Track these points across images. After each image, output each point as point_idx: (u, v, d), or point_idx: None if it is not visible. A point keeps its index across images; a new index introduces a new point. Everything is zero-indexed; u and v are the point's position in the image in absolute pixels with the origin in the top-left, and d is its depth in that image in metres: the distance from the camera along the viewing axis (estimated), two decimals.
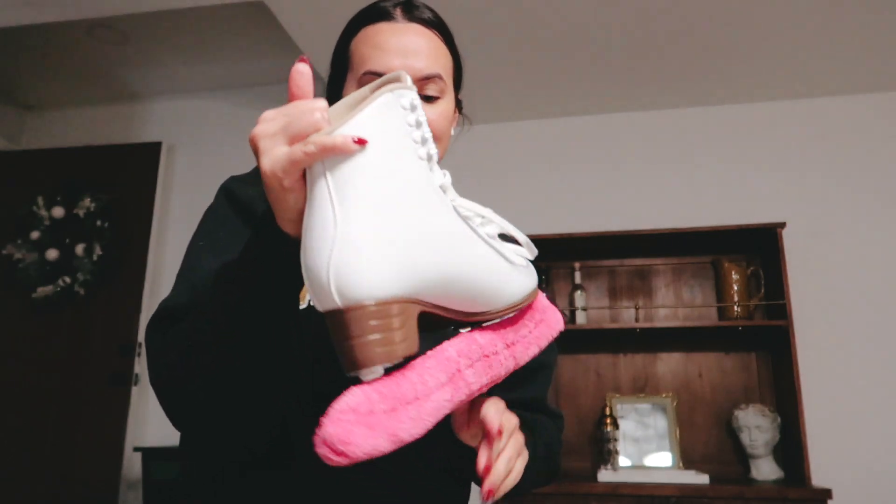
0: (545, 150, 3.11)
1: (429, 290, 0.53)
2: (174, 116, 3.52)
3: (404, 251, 0.51)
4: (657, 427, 2.63)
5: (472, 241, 0.57)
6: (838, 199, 2.80)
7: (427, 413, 0.52)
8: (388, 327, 0.49)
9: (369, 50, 0.78)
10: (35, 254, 3.23)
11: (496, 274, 0.59)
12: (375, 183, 0.50)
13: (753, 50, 2.56)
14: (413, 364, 0.55)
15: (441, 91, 0.80)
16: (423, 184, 0.53)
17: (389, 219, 0.50)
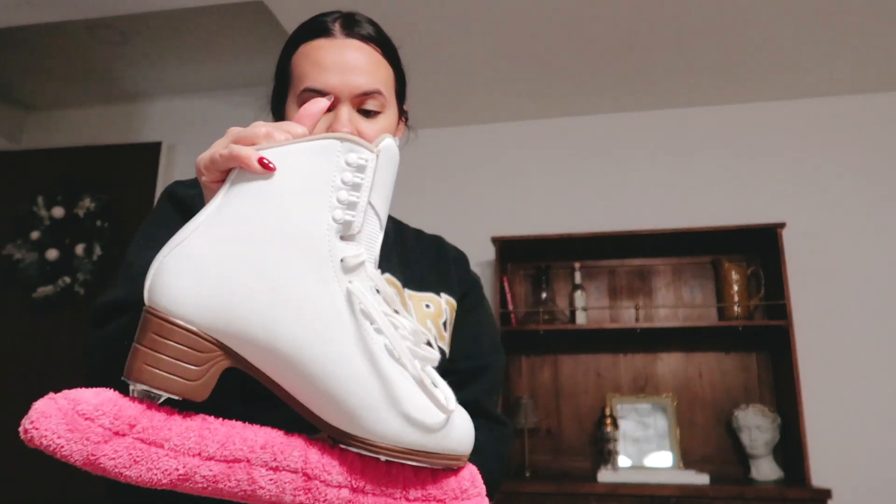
0: (545, 150, 3.11)
1: (251, 348, 0.47)
2: (174, 116, 3.52)
3: (234, 287, 0.46)
4: (657, 427, 2.63)
5: (345, 333, 0.48)
6: (838, 199, 2.80)
7: (157, 468, 0.45)
8: (171, 354, 0.46)
9: (308, 67, 0.78)
10: (35, 254, 3.23)
11: (365, 394, 0.48)
12: (260, 212, 0.48)
13: (753, 50, 2.56)
14: (203, 419, 0.48)
15: (381, 106, 0.81)
16: (315, 242, 0.48)
17: (243, 249, 0.47)
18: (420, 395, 0.50)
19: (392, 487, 0.50)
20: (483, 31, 2.46)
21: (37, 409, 0.45)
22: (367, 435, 0.48)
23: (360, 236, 0.50)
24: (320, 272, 0.48)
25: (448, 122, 3.21)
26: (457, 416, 0.52)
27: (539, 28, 2.44)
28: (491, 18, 2.38)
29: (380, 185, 0.51)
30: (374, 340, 0.49)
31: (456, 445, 0.51)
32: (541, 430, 2.77)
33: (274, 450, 0.48)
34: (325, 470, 0.49)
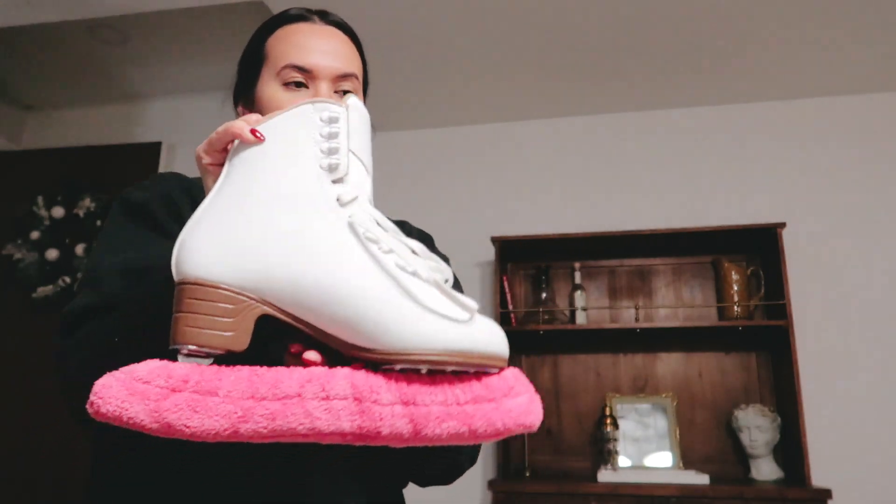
0: (545, 150, 3.11)
1: (278, 294, 0.51)
2: (174, 116, 3.52)
3: (250, 240, 0.52)
4: (657, 427, 2.63)
5: (354, 257, 0.52)
6: (838, 199, 2.80)
7: (217, 413, 0.48)
8: (207, 311, 0.50)
9: (289, 47, 0.81)
10: (35, 254, 3.23)
11: (386, 306, 0.51)
12: (259, 177, 0.53)
13: (753, 50, 2.56)
14: (250, 368, 0.51)
15: (356, 90, 0.84)
16: (307, 188, 0.53)
17: (249, 207, 0.52)
18: (441, 298, 0.52)
19: (441, 395, 0.52)
20: (483, 32, 2.46)
21: (98, 384, 0.48)
22: (402, 349, 0.50)
23: (349, 178, 0.55)
24: (321, 213, 0.53)
25: (448, 122, 3.21)
26: (483, 320, 0.54)
27: (539, 28, 2.44)
28: (491, 18, 2.38)
29: (355, 134, 0.56)
30: (385, 260, 0.52)
31: (489, 345, 0.53)
32: (541, 431, 2.77)
33: (321, 382, 0.50)
34: (374, 391, 0.50)
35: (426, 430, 0.51)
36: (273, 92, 0.81)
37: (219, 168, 0.57)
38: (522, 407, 0.53)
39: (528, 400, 0.54)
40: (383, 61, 2.60)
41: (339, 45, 0.83)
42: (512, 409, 0.53)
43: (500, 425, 0.52)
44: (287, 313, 0.52)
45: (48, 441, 3.01)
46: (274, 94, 0.80)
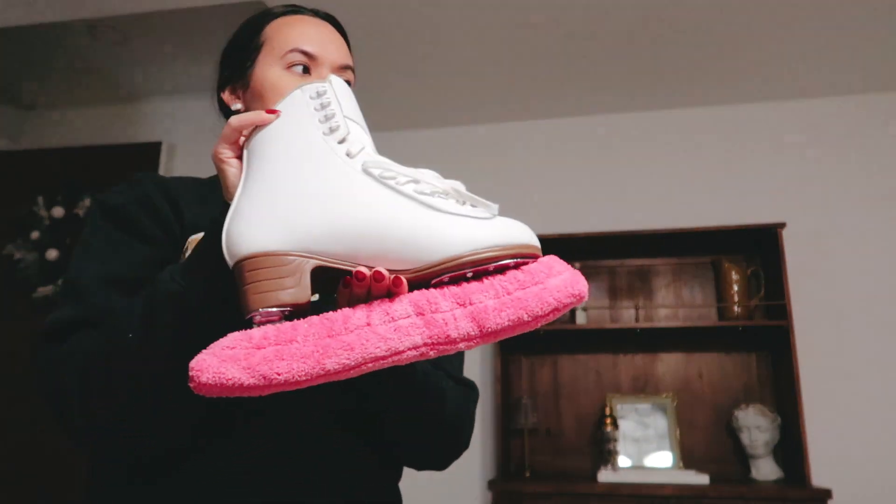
0: (545, 150, 3.11)
1: (320, 246, 0.57)
2: (174, 116, 3.52)
3: (285, 209, 0.57)
4: (657, 427, 2.63)
5: (376, 194, 0.58)
6: (838, 199, 2.80)
7: (301, 355, 0.53)
8: (266, 276, 0.55)
9: (294, 33, 0.83)
10: (35, 254, 3.23)
11: (418, 224, 0.56)
12: (275, 157, 0.60)
13: (753, 50, 2.56)
14: (319, 315, 0.56)
15: (352, 84, 0.85)
16: (316, 152, 0.59)
17: (275, 182, 0.59)
18: (465, 206, 0.58)
19: (491, 290, 0.57)
20: (483, 32, 2.46)
21: (191, 365, 0.53)
22: (444, 258, 0.56)
23: (351, 137, 0.61)
24: (338, 168, 0.59)
25: (447, 122, 3.21)
26: (506, 218, 0.59)
27: (539, 28, 2.44)
28: (491, 19, 2.38)
29: (344, 101, 0.63)
30: (404, 189, 0.58)
31: (519, 236, 0.59)
32: (541, 430, 2.77)
33: (384, 308, 0.56)
34: (431, 302, 0.56)
35: (488, 323, 0.56)
36: (277, 75, 0.81)
37: (236, 161, 0.63)
38: (567, 280, 0.58)
39: (570, 274, 0.59)
40: (383, 61, 2.60)
41: (336, 38, 0.86)
42: (558, 285, 0.58)
43: (552, 301, 0.57)
44: (335, 259, 0.57)
45: (48, 441, 3.01)
46: (279, 77, 0.81)
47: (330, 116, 0.61)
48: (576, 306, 0.61)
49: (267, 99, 0.81)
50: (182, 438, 0.69)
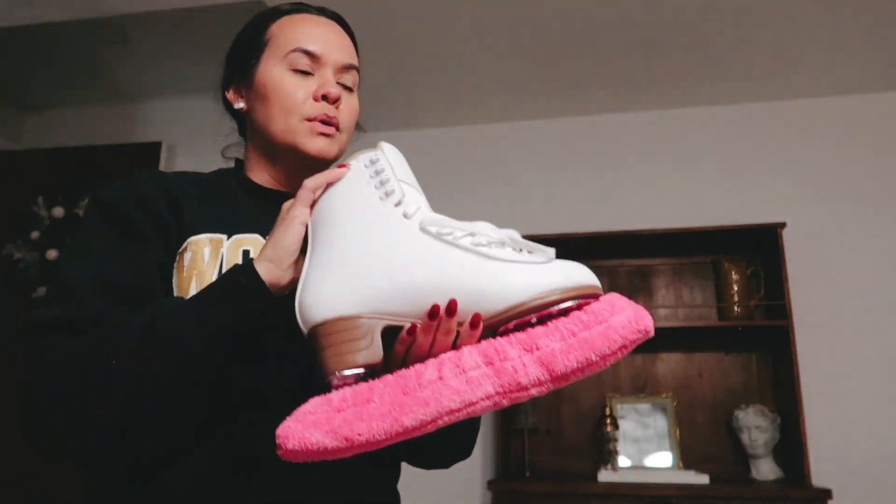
0: (545, 150, 3.11)
1: (388, 305, 0.60)
2: (174, 116, 3.52)
3: (351, 274, 0.60)
4: (657, 427, 2.63)
5: (435, 251, 0.60)
6: (838, 199, 2.80)
7: (378, 414, 0.55)
8: (340, 340, 0.58)
9: (297, 33, 0.82)
10: (35, 254, 3.23)
11: (479, 275, 0.58)
12: (338, 224, 0.63)
13: (753, 50, 2.56)
14: (392, 373, 0.58)
15: (354, 84, 0.86)
16: (375, 216, 0.63)
17: (340, 249, 0.62)
18: (522, 253, 0.60)
19: (556, 333, 0.58)
20: (483, 32, 2.46)
21: (277, 433, 0.56)
22: (507, 307, 0.58)
23: (406, 199, 0.63)
24: (397, 229, 0.62)
25: (448, 122, 3.21)
26: (563, 262, 0.61)
27: (539, 28, 2.44)
28: (491, 19, 2.38)
29: (396, 165, 0.66)
30: (462, 242, 0.60)
31: (578, 277, 0.60)
32: (541, 430, 2.77)
33: (454, 361, 0.57)
34: (499, 351, 0.57)
35: (557, 366, 0.56)
36: (280, 74, 0.81)
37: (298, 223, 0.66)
38: (631, 317, 0.58)
39: (633, 311, 0.59)
40: (382, 61, 2.60)
41: (341, 37, 0.86)
42: (622, 322, 0.58)
43: (618, 338, 0.57)
44: (402, 317, 0.60)
45: None
46: (282, 77, 0.81)
47: (385, 182, 0.64)
48: None
49: (270, 100, 0.81)
50: (183, 438, 0.69)
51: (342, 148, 0.85)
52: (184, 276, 0.74)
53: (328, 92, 0.80)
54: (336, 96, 0.81)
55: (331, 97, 0.80)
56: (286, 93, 0.80)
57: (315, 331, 0.60)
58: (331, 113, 0.81)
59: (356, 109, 0.86)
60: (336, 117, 0.81)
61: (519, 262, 0.59)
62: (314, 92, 0.81)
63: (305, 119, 0.80)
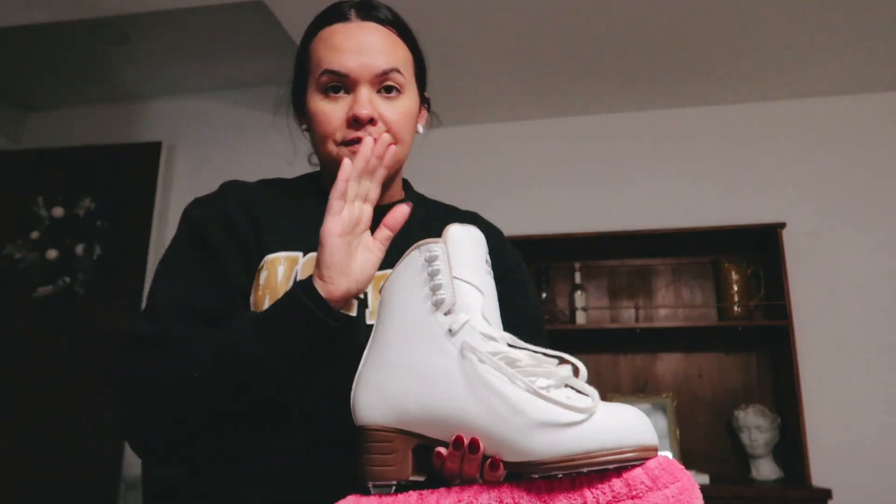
0: (545, 150, 3.11)
1: (419, 425, 0.60)
2: (174, 116, 3.52)
3: (392, 387, 0.61)
4: (657, 427, 2.63)
5: (468, 383, 0.58)
6: (838, 199, 2.79)
7: None
8: (376, 451, 0.61)
9: (326, 51, 0.81)
10: (35, 254, 3.23)
11: (505, 421, 0.56)
12: (391, 326, 0.63)
13: (753, 50, 2.56)
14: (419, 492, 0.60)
15: (401, 86, 0.82)
16: (422, 329, 0.62)
17: (388, 356, 0.62)
18: (553, 406, 0.55)
19: (579, 498, 0.54)
20: (483, 32, 2.45)
21: None
22: (533, 459, 0.55)
23: (457, 306, 0.61)
24: (439, 346, 0.60)
25: (448, 122, 3.21)
26: (615, 411, 0.55)
27: (539, 28, 2.44)
28: (491, 19, 2.37)
29: (457, 260, 0.63)
30: (495, 382, 0.57)
31: (619, 437, 0.53)
32: None
33: (470, 499, 0.57)
34: (516, 501, 0.55)
35: None
36: (315, 101, 0.81)
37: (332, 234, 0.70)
38: (672, 499, 0.51)
39: (677, 490, 0.52)
40: None
41: (377, 40, 0.81)
42: (659, 499, 0.51)
43: None
44: (432, 440, 0.60)
45: (48, 440, 3.01)
46: (316, 104, 0.81)
47: (437, 287, 0.62)
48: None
49: (313, 127, 0.82)
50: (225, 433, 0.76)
51: (398, 158, 0.83)
52: (259, 294, 0.77)
53: (356, 114, 0.78)
54: (365, 118, 0.78)
55: (361, 119, 0.78)
56: (322, 120, 0.81)
57: (360, 431, 0.63)
58: (362, 135, 0.78)
59: (405, 113, 0.82)
60: (372, 136, 0.78)
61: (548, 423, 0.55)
62: (347, 114, 0.79)
63: (343, 143, 0.80)
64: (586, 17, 2.37)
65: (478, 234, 0.66)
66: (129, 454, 2.94)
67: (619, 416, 0.55)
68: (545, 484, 0.55)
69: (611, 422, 0.54)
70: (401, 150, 0.83)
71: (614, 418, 0.54)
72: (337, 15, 0.83)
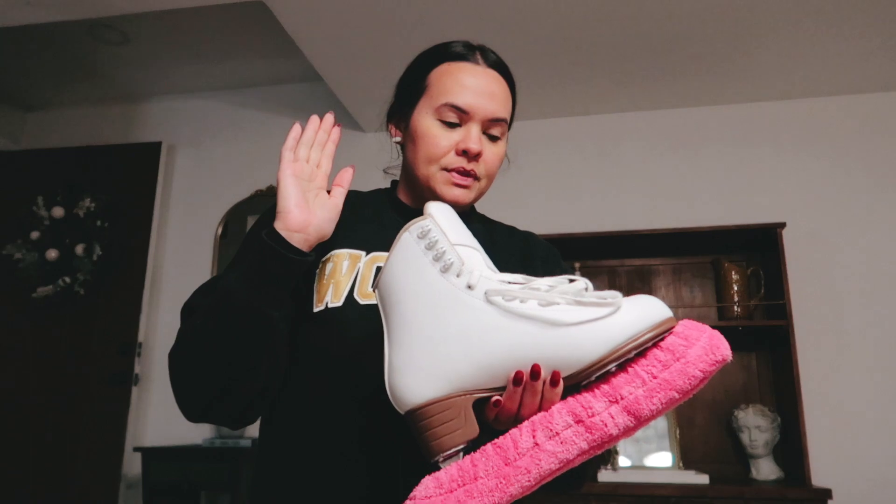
0: (545, 150, 3.11)
1: (473, 381, 0.62)
2: (174, 116, 3.52)
3: (432, 357, 0.63)
4: (657, 427, 2.62)
5: (506, 322, 0.62)
6: (838, 199, 2.80)
7: (486, 489, 0.59)
8: (436, 423, 0.62)
9: (452, 84, 0.87)
10: (35, 254, 3.23)
11: (552, 340, 0.60)
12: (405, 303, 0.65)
13: (753, 50, 2.56)
14: (491, 444, 0.62)
15: (502, 133, 0.91)
16: (442, 295, 0.64)
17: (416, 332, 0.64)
18: (591, 307, 0.61)
19: (637, 379, 0.59)
20: (483, 32, 2.45)
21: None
22: (586, 363, 0.60)
23: (465, 266, 0.65)
24: (464, 304, 0.63)
25: None
26: (631, 301, 0.62)
27: (539, 28, 2.44)
28: (490, 19, 2.37)
29: (449, 229, 0.67)
30: (527, 309, 0.62)
31: (647, 317, 0.60)
32: None
33: (545, 424, 0.60)
34: (586, 407, 0.60)
35: (643, 412, 0.58)
36: (429, 125, 0.87)
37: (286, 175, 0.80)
38: (706, 348, 0.59)
39: (708, 339, 0.59)
40: (382, 62, 2.60)
41: (497, 88, 0.89)
42: (699, 355, 0.58)
43: (698, 373, 0.58)
44: (488, 389, 0.63)
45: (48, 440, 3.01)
46: (430, 128, 0.87)
47: (440, 254, 0.65)
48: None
49: (418, 145, 0.88)
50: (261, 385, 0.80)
51: (481, 192, 0.94)
52: (323, 282, 0.85)
53: (469, 148, 0.86)
54: (476, 152, 0.86)
55: (471, 153, 0.86)
56: (431, 143, 0.87)
57: (411, 415, 0.64)
58: (468, 167, 0.87)
59: (499, 156, 0.92)
60: (474, 170, 0.88)
61: (587, 320, 0.60)
62: (457, 145, 0.86)
63: (444, 168, 0.88)
64: (586, 17, 2.37)
65: (448, 206, 0.72)
66: (129, 454, 2.95)
67: (641, 302, 0.61)
68: (602, 382, 0.60)
69: (637, 308, 0.60)
70: (486, 186, 0.94)
71: (638, 304, 0.61)
72: (463, 55, 0.90)
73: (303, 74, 3.25)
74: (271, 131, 3.36)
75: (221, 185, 3.32)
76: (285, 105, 3.38)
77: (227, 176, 3.34)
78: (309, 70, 3.06)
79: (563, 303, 0.62)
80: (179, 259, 3.26)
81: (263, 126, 3.39)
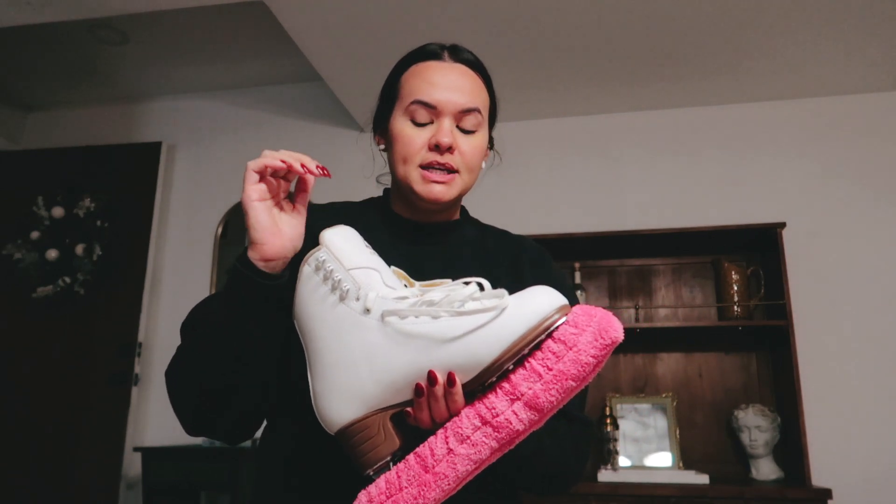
0: (545, 150, 3.11)
1: (384, 398, 0.67)
2: (174, 116, 3.52)
3: (343, 383, 0.68)
4: (657, 427, 2.62)
5: (403, 340, 0.66)
6: (838, 199, 2.80)
7: (413, 498, 0.62)
8: (360, 441, 0.66)
9: (418, 83, 0.89)
10: (35, 254, 3.23)
11: (446, 350, 0.63)
12: (315, 333, 0.70)
13: (754, 50, 2.56)
14: (413, 454, 0.65)
15: (477, 125, 0.90)
16: (343, 321, 0.69)
17: (326, 360, 0.69)
18: (479, 313, 0.63)
19: (533, 374, 0.62)
20: (483, 32, 2.45)
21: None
22: (483, 367, 0.62)
23: (362, 290, 0.69)
24: (364, 326, 0.68)
25: None
26: (520, 296, 0.64)
27: (539, 28, 2.44)
28: (490, 20, 2.37)
29: (343, 253, 0.71)
30: (421, 327, 0.65)
31: (537, 312, 0.62)
32: None
33: (454, 429, 0.63)
34: (490, 408, 0.62)
35: (542, 404, 0.61)
36: (402, 127, 0.89)
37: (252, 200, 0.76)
38: (596, 332, 0.61)
39: (597, 324, 0.62)
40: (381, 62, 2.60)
41: (465, 81, 0.91)
42: (590, 341, 0.61)
43: (590, 360, 0.61)
44: (400, 404, 0.67)
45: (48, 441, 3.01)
46: (402, 129, 0.89)
47: (337, 283, 0.70)
48: None
49: (395, 148, 0.90)
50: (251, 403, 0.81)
51: (465, 186, 0.92)
52: None
53: (440, 141, 0.86)
54: (447, 144, 0.86)
55: (442, 146, 0.86)
56: (405, 143, 0.88)
57: (339, 436, 0.68)
58: (441, 160, 0.87)
59: (478, 148, 0.91)
60: (448, 163, 0.87)
61: (473, 329, 0.63)
62: (429, 140, 0.87)
63: (420, 166, 0.88)
64: (586, 18, 2.37)
65: (347, 228, 0.76)
66: (129, 454, 2.95)
67: (528, 297, 0.63)
68: (505, 381, 0.63)
69: (526, 303, 0.62)
70: (468, 180, 0.91)
71: (527, 299, 0.63)
72: (430, 54, 0.92)
73: (303, 74, 3.25)
74: (271, 131, 3.36)
75: (221, 185, 3.32)
76: (285, 105, 3.38)
77: (227, 176, 3.34)
78: (309, 70, 3.06)
79: (446, 315, 0.64)
80: (179, 259, 3.26)
81: (263, 126, 3.39)
